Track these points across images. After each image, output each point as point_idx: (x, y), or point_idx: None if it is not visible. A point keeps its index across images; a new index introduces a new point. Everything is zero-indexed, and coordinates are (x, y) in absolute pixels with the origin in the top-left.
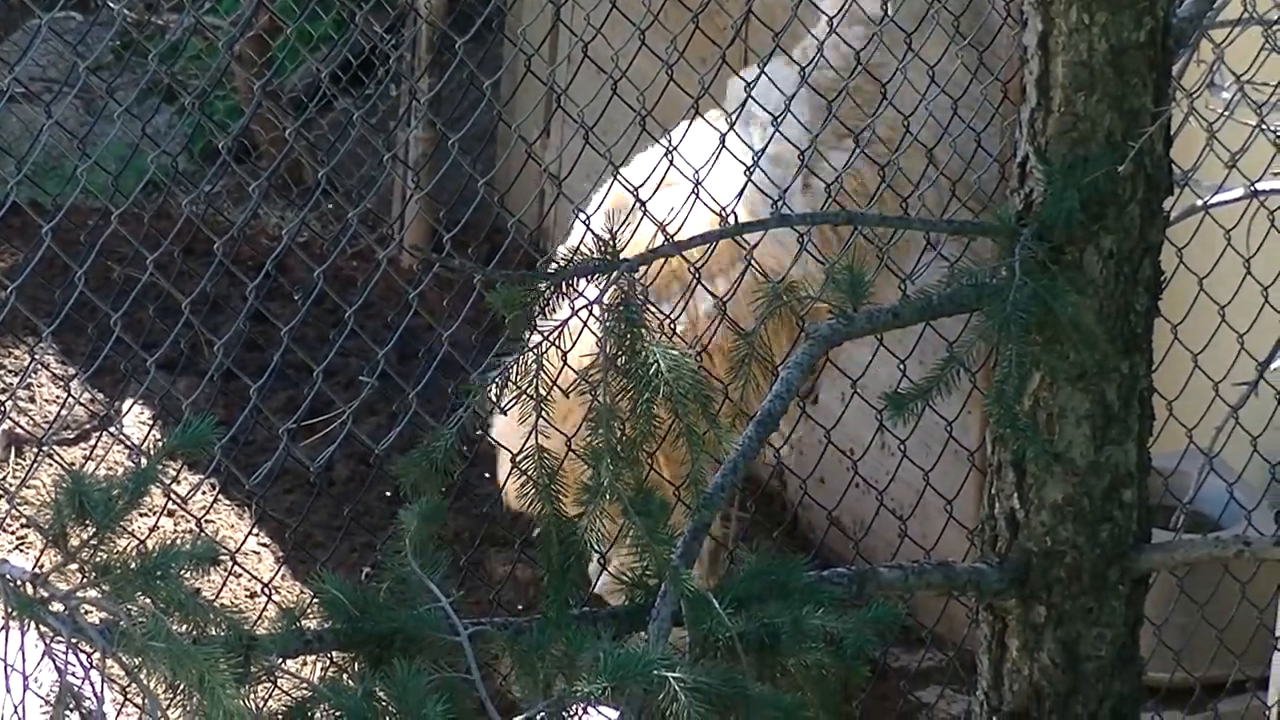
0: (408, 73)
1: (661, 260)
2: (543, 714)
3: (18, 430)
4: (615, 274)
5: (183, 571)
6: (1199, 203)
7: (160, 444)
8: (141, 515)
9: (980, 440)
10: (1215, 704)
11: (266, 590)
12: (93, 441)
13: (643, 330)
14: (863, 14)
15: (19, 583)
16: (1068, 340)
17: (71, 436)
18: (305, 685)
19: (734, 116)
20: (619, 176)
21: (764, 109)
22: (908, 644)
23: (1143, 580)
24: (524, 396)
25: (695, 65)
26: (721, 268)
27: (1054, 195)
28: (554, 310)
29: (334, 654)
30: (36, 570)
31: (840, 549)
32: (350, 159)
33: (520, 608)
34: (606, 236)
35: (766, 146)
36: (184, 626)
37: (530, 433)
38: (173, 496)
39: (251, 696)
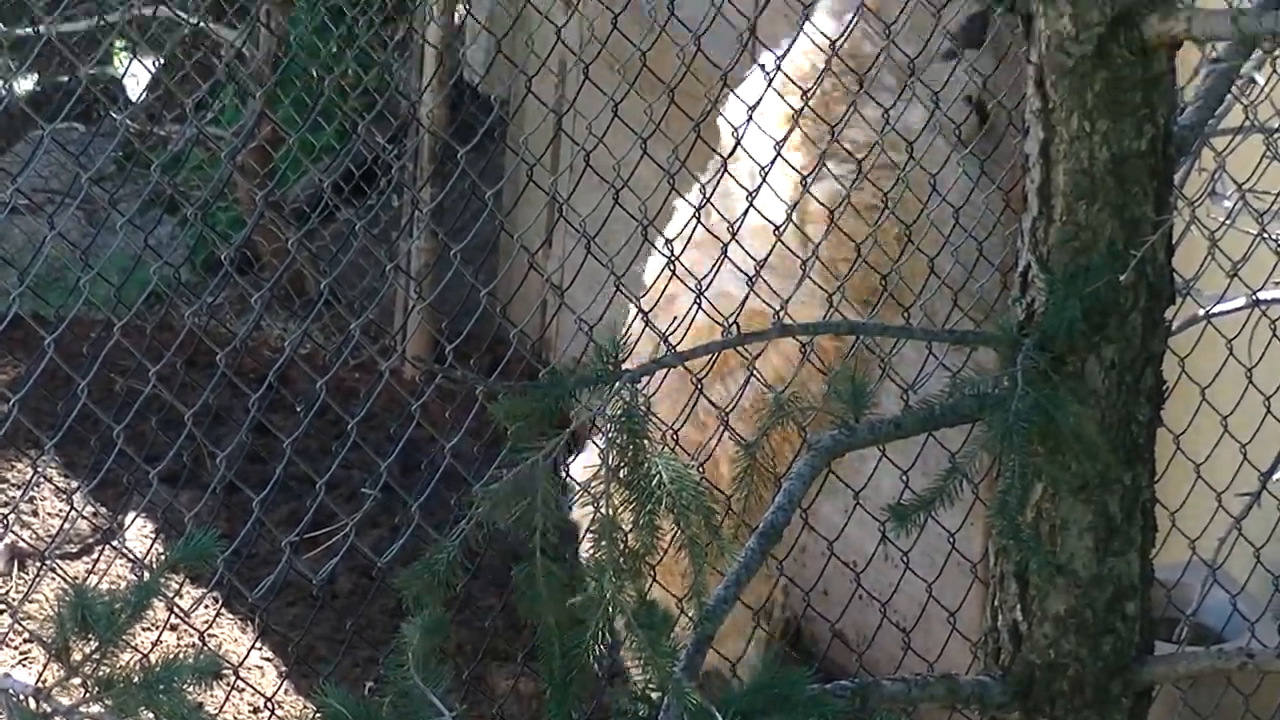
0: (410, 183)
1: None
2: None
3: (20, 544)
4: (618, 385)
5: (186, 686)
6: (1201, 312)
7: (163, 557)
8: (144, 629)
9: (983, 552)
10: None
11: (270, 705)
12: (95, 555)
13: (645, 442)
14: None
15: (22, 697)
16: (1070, 451)
17: (74, 550)
18: None
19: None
20: (622, 289)
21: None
22: None
23: (1146, 693)
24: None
25: (697, 174)
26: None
27: (1055, 305)
28: None
29: None
30: (39, 685)
31: (843, 661)
32: (353, 270)
33: None
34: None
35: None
36: None
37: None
38: (176, 610)
39: None
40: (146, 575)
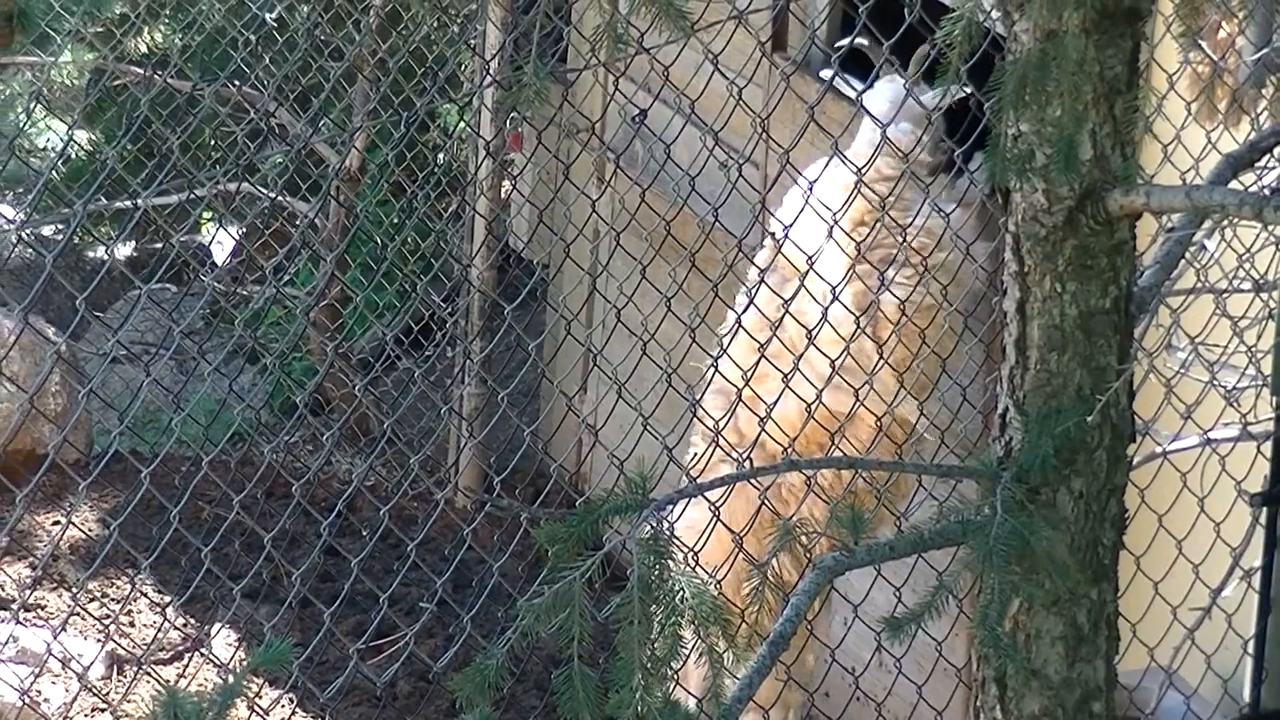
0: (462, 336)
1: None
2: None
3: (119, 651)
4: (645, 512)
5: None
6: (1159, 449)
7: (244, 663)
8: None
9: (967, 658)
10: None
11: None
12: (185, 661)
13: (669, 562)
14: None
15: None
16: (1044, 570)
17: (166, 657)
18: None
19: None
20: (650, 430)
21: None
22: None
23: None
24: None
25: (714, 329)
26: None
27: (1030, 443)
28: None
29: None
30: None
31: None
32: (411, 412)
33: None
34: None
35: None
36: None
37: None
38: (256, 709)
39: None
40: (230, 678)
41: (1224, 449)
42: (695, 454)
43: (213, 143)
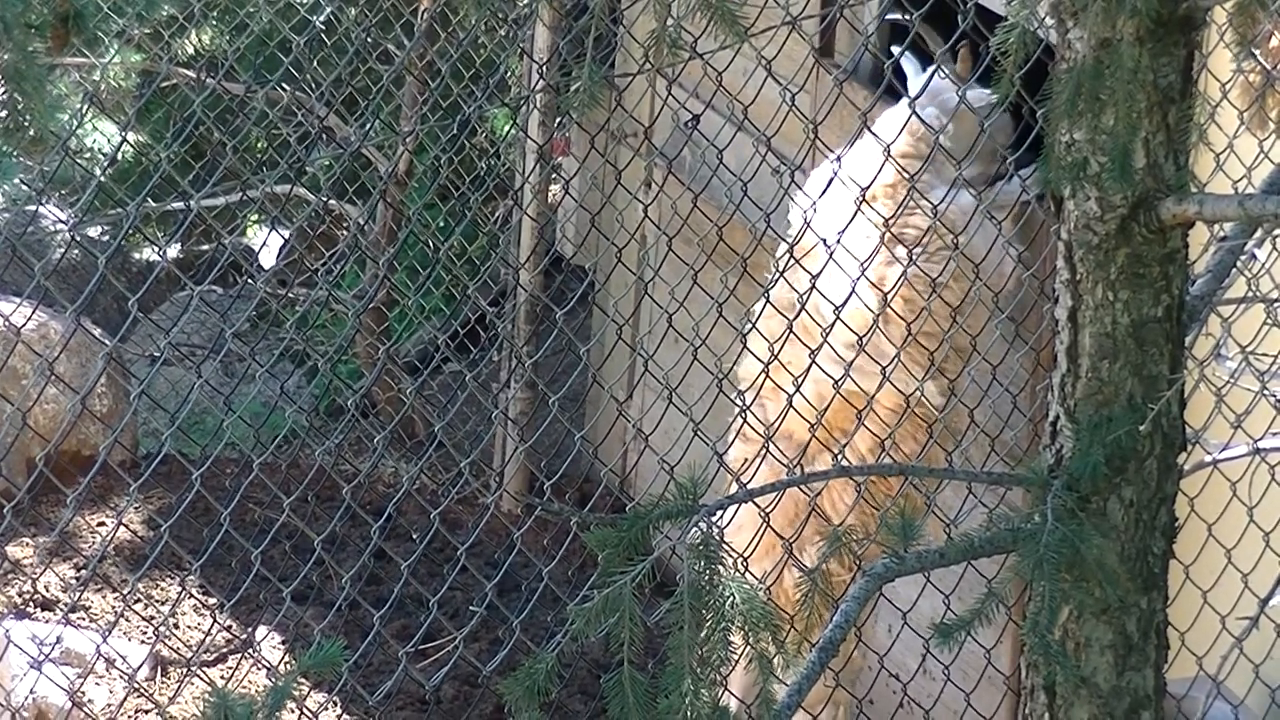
0: (510, 340)
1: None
2: None
3: (163, 653)
4: (695, 518)
5: None
6: (1208, 458)
7: (291, 665)
8: None
9: (1013, 666)
10: None
11: None
12: (230, 664)
13: (720, 567)
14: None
15: None
16: (1094, 579)
17: (210, 659)
18: None
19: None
20: (700, 435)
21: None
22: None
23: None
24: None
25: (765, 335)
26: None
27: (1081, 451)
28: None
29: None
30: None
31: None
32: (458, 416)
33: None
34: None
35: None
36: None
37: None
38: (305, 711)
39: None
40: (279, 680)
41: (1274, 458)
42: (734, 455)
43: (259, 145)
